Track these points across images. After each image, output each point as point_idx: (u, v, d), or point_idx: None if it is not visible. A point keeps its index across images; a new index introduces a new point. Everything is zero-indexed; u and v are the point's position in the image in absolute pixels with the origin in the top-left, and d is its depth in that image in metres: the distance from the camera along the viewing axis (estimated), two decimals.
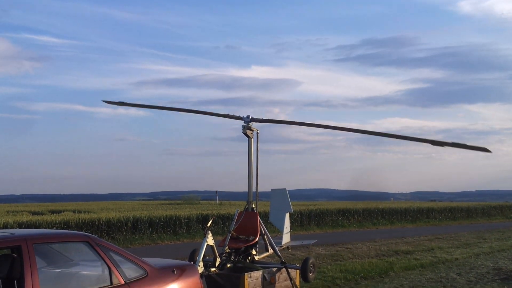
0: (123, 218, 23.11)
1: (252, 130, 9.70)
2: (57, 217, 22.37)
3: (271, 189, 11.14)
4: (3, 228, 17.82)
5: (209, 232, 8.55)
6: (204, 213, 27.02)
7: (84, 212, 31.07)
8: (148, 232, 23.51)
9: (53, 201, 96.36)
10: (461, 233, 29.27)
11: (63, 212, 32.40)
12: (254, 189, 9.90)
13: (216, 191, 64.33)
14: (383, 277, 13.96)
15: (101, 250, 6.00)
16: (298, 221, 31.47)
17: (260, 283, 8.44)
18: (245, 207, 9.77)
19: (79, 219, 21.90)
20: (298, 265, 9.52)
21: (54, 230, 7.21)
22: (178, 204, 55.24)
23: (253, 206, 9.75)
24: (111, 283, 5.86)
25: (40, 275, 5.37)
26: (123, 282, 5.95)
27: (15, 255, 5.46)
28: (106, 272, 5.93)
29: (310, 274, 9.24)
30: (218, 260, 8.61)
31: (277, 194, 10.95)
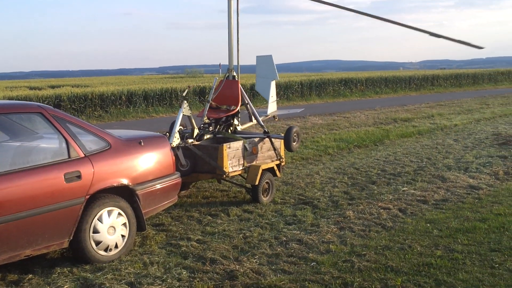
0: (117, 91, 22.66)
1: None
2: (49, 92, 21.99)
3: (256, 56, 10.43)
4: None
5: (185, 102, 8.07)
6: (202, 85, 26.46)
7: (84, 86, 30.66)
8: (143, 105, 23.18)
9: (62, 77, 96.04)
10: (464, 100, 28.87)
11: (62, 87, 31.98)
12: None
13: (220, 63, 63.23)
14: (377, 145, 13.69)
15: (56, 122, 5.51)
16: (299, 91, 31.01)
17: (240, 154, 8.07)
18: (226, 75, 9.19)
19: (71, 93, 21.45)
20: (282, 135, 9.08)
21: (4, 101, 6.71)
22: (181, 77, 54.65)
23: (234, 74, 9.17)
24: (69, 157, 5.44)
25: None
26: (82, 155, 5.53)
27: None
28: (64, 145, 5.49)
29: (294, 144, 8.81)
30: (196, 131, 8.19)
31: (262, 61, 10.26)
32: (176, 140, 7.64)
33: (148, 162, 6.29)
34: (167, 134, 7.78)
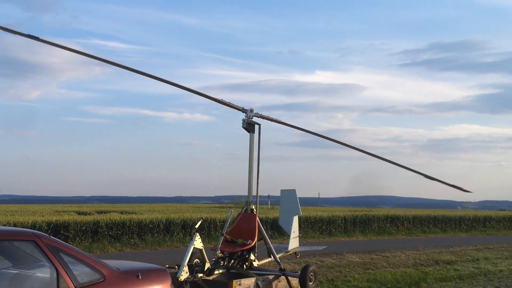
0: (156, 219, 22.88)
1: (254, 125, 8.99)
2: (88, 218, 22.35)
3: (281, 190, 10.41)
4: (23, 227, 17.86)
5: (197, 234, 7.96)
6: None
7: (130, 213, 31.06)
8: (181, 234, 23.12)
9: (120, 202, 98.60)
10: None
11: (109, 212, 32.51)
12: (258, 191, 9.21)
13: (268, 195, 63.50)
14: None
15: (49, 251, 5.44)
16: (342, 227, 30.41)
17: None
18: (244, 208, 9.10)
19: (110, 219, 21.80)
20: (299, 273, 8.70)
21: None
22: (229, 207, 54.84)
23: (253, 208, 9.05)
24: None
25: None
26: (72, 287, 5.38)
27: None
28: (54, 275, 5.36)
29: (310, 283, 8.41)
30: (207, 265, 7.97)
31: (286, 195, 10.22)
32: (184, 274, 7.42)
33: None
34: (176, 267, 7.59)
